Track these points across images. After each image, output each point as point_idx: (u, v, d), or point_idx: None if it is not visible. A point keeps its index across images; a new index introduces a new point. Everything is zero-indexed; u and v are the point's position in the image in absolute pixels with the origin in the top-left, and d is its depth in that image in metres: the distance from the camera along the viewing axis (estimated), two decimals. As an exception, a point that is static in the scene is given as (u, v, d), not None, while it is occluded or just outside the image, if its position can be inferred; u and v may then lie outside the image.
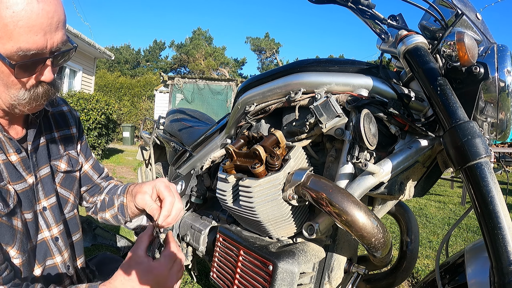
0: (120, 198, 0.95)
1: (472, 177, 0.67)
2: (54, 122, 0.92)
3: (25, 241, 0.77)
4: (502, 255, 0.62)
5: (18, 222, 0.75)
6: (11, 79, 0.64)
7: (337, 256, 0.96)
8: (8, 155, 0.76)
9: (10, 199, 0.74)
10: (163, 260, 0.71)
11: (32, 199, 0.81)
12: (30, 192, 0.81)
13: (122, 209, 0.95)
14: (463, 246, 2.99)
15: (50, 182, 0.87)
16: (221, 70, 26.29)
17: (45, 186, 0.85)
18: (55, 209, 0.87)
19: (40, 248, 0.82)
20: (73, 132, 0.97)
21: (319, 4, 0.93)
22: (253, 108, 1.18)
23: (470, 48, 0.77)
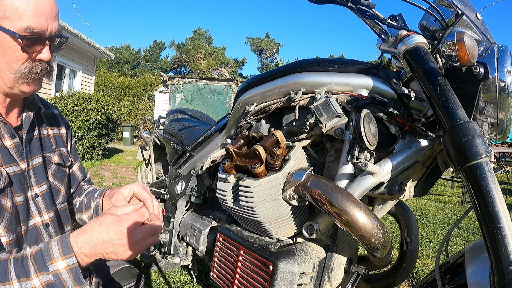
0: (97, 200, 1.01)
1: (472, 177, 0.67)
2: (46, 121, 0.99)
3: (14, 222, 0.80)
4: (502, 255, 0.62)
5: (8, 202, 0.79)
6: (15, 55, 0.74)
7: (337, 256, 0.96)
8: (2, 140, 0.82)
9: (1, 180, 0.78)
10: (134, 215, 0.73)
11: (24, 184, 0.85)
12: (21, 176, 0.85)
13: (97, 211, 1.01)
14: (463, 246, 2.99)
15: (42, 171, 0.91)
16: (221, 70, 26.29)
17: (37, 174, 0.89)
18: (46, 197, 0.91)
19: (31, 233, 0.86)
20: (63, 133, 1.05)
21: (319, 4, 0.93)
22: (253, 108, 1.18)
23: (470, 48, 0.77)
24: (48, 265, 0.67)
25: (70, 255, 0.68)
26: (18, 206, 0.83)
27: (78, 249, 0.69)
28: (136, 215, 0.73)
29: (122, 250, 0.71)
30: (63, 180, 0.99)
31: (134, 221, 0.72)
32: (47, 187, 0.91)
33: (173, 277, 2.18)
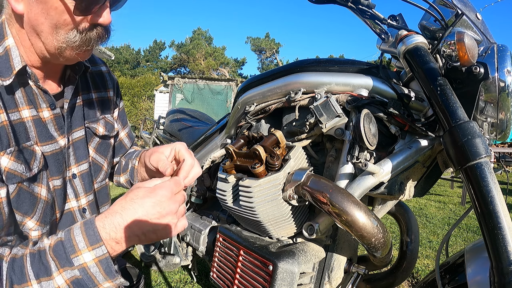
0: (133, 162, 0.89)
1: (472, 177, 0.67)
2: (92, 82, 0.84)
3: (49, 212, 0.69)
4: (502, 255, 0.62)
5: (42, 190, 0.67)
6: (63, 18, 0.58)
7: (337, 256, 0.96)
8: (39, 111, 0.68)
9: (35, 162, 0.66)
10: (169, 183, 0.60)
11: (62, 164, 0.73)
12: (60, 155, 0.72)
13: (132, 173, 0.88)
14: (463, 246, 2.99)
15: (83, 146, 0.78)
16: (221, 70, 26.29)
17: (76, 151, 0.76)
18: (85, 177, 0.78)
19: (65, 219, 0.74)
20: (110, 96, 0.89)
21: (319, 4, 0.93)
22: (253, 108, 1.18)
23: (470, 48, 0.77)
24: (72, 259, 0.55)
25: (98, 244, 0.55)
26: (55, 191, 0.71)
27: (107, 235, 0.56)
28: (172, 183, 0.61)
29: (161, 227, 0.58)
30: (106, 154, 0.85)
31: (171, 190, 0.59)
32: (87, 165, 0.78)
33: (173, 277, 2.18)
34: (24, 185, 0.64)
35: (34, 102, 0.67)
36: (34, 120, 0.67)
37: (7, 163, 0.61)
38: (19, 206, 0.64)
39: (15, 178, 0.63)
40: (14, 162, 0.62)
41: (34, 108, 0.67)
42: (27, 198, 0.65)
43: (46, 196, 0.68)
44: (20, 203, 0.64)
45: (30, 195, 0.65)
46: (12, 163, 0.62)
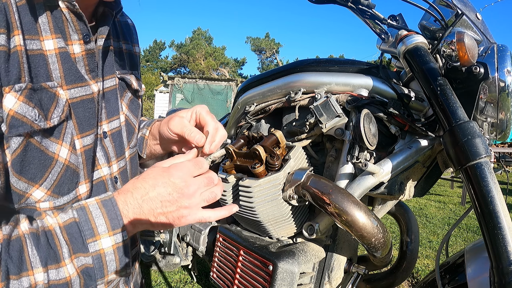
0: (143, 131, 0.78)
1: (472, 177, 0.67)
2: (120, 31, 0.71)
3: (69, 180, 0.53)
4: (502, 255, 0.62)
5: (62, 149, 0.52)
6: None
7: (337, 256, 0.96)
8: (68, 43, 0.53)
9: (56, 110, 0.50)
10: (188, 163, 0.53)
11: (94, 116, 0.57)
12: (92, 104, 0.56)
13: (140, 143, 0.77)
14: (463, 246, 2.99)
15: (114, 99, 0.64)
16: (221, 70, 26.30)
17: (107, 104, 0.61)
18: (116, 138, 0.64)
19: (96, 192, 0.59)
20: (136, 51, 0.77)
21: (319, 4, 0.93)
22: (253, 108, 1.18)
23: (470, 48, 0.77)
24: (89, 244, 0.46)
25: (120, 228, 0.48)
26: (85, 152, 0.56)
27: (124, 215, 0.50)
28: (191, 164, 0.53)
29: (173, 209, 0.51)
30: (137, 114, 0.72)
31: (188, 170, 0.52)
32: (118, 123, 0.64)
33: (173, 277, 2.18)
34: (34, 139, 0.48)
35: (63, 31, 0.52)
36: (61, 54, 0.51)
37: (14, 104, 0.45)
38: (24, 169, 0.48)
39: (22, 127, 0.46)
40: (24, 104, 0.46)
41: (62, 38, 0.51)
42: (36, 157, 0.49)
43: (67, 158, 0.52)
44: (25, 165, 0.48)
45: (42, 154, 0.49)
46: (21, 105, 0.45)
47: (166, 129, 0.68)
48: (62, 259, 0.45)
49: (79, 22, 0.53)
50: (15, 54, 0.46)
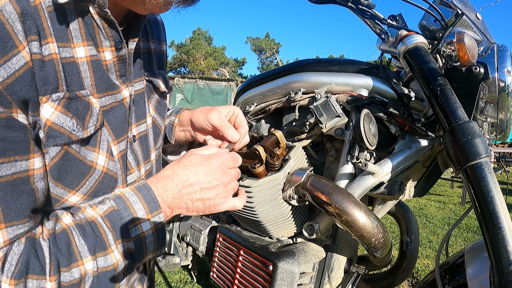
0: (171, 118, 0.80)
1: (472, 177, 0.67)
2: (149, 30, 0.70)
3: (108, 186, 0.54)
4: (502, 255, 0.62)
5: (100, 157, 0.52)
6: None
7: (337, 256, 0.96)
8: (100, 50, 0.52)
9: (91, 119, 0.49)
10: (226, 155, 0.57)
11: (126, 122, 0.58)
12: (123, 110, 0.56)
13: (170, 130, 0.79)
14: (463, 246, 2.99)
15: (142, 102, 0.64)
16: (221, 70, 26.31)
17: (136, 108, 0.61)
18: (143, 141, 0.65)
19: None
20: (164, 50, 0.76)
21: (319, 4, 0.93)
22: (253, 108, 1.18)
23: (470, 48, 0.77)
24: (130, 229, 0.48)
25: (157, 211, 0.50)
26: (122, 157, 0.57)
27: (161, 198, 0.51)
28: (229, 157, 0.58)
29: (211, 196, 0.54)
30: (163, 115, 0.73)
31: (226, 162, 0.57)
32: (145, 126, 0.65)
33: (173, 277, 2.18)
34: (72, 148, 0.48)
35: (94, 37, 0.51)
36: (92, 62, 0.50)
37: (51, 115, 0.44)
38: (61, 177, 0.48)
39: (60, 137, 0.46)
40: (62, 115, 0.45)
41: (93, 45, 0.51)
42: (74, 166, 0.49)
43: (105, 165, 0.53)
44: (62, 173, 0.48)
45: (80, 163, 0.49)
46: (58, 116, 0.45)
47: (203, 119, 0.71)
48: (108, 246, 0.47)
49: (111, 29, 0.52)
50: (51, 62, 0.44)
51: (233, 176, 0.58)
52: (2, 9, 0.38)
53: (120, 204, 0.49)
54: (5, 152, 0.40)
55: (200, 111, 0.74)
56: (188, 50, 28.13)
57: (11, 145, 0.41)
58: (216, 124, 0.70)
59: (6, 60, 0.39)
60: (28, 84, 0.42)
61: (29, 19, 0.42)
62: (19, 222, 0.43)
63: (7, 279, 0.40)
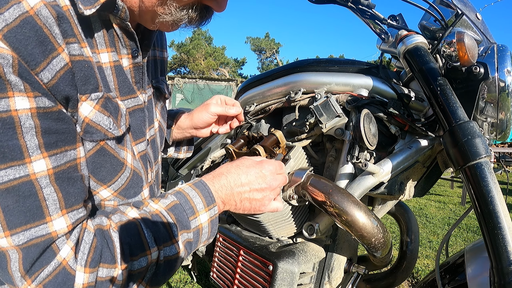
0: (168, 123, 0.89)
1: (472, 177, 0.67)
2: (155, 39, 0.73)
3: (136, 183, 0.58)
4: (502, 255, 0.62)
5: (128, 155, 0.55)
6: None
7: (337, 256, 0.96)
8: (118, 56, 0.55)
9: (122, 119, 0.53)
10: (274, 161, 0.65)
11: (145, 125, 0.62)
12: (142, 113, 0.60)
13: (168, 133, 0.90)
14: (463, 246, 2.99)
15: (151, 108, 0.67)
16: (221, 70, 26.31)
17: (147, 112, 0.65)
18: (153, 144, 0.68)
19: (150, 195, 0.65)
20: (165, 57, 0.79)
21: (319, 4, 0.93)
22: (253, 108, 1.18)
23: (470, 48, 0.77)
24: (191, 221, 0.53)
25: (213, 204, 0.56)
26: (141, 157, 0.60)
27: (216, 193, 0.57)
28: (277, 164, 0.66)
29: (259, 197, 0.60)
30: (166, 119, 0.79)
31: (275, 168, 0.64)
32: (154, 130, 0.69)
33: (173, 277, 2.18)
34: (107, 145, 0.51)
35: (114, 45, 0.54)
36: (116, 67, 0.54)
37: (89, 113, 0.47)
38: (96, 170, 0.51)
39: (97, 134, 0.49)
40: (99, 113, 0.48)
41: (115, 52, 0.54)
42: (108, 161, 0.52)
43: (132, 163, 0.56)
44: (97, 167, 0.51)
45: (114, 159, 0.53)
46: (96, 114, 0.48)
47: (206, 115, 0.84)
48: (173, 237, 0.51)
49: (129, 38, 0.55)
50: (89, 63, 0.47)
51: (281, 182, 0.64)
52: (38, 13, 0.40)
53: (181, 198, 0.54)
54: (58, 143, 0.44)
55: (198, 111, 0.85)
56: (188, 50, 28.11)
57: (62, 137, 0.44)
58: (219, 111, 0.83)
59: (48, 62, 0.42)
60: (70, 83, 0.45)
61: (64, 22, 0.44)
62: (78, 206, 0.46)
63: (81, 267, 0.44)
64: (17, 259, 0.41)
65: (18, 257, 0.41)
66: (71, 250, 0.44)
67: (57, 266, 0.43)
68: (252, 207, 0.60)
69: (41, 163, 0.42)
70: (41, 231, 0.42)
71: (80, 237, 0.46)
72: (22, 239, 0.41)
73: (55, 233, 0.43)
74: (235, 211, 0.60)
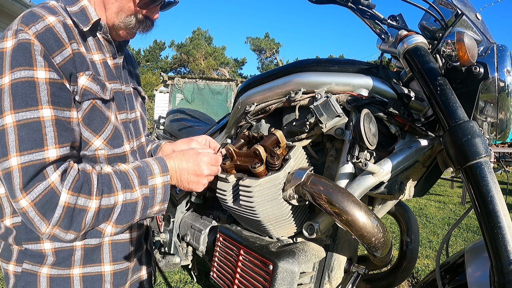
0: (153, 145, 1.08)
1: (472, 176, 0.67)
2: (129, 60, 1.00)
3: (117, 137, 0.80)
4: (502, 255, 0.62)
5: (112, 115, 0.79)
6: (128, 5, 0.79)
7: (337, 255, 0.96)
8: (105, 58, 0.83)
9: (107, 91, 0.78)
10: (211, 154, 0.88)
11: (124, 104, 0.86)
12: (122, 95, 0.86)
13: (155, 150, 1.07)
14: (463, 246, 2.99)
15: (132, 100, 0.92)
16: (221, 70, 26.30)
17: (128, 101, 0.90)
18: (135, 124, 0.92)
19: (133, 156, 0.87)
20: (137, 73, 1.06)
21: (319, 4, 0.93)
22: (253, 108, 1.18)
23: (470, 48, 0.77)
24: (148, 179, 0.76)
25: (167, 173, 0.79)
26: (123, 123, 0.84)
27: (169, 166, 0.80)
28: (214, 156, 0.88)
29: (194, 180, 0.83)
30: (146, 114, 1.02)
31: (210, 158, 0.86)
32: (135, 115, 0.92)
33: (173, 277, 2.18)
34: (97, 103, 0.75)
35: (101, 49, 0.82)
36: (103, 63, 0.81)
37: (85, 82, 0.73)
38: (90, 123, 0.74)
39: (90, 94, 0.73)
40: (91, 82, 0.74)
41: (102, 54, 0.81)
42: (98, 116, 0.75)
43: (114, 122, 0.79)
44: (91, 119, 0.74)
45: (102, 114, 0.76)
46: (89, 83, 0.73)
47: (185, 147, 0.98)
48: (133, 186, 0.74)
49: (110, 45, 0.84)
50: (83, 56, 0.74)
51: (213, 172, 0.88)
52: (54, 25, 0.69)
53: (143, 163, 0.79)
54: (60, 103, 0.68)
55: (181, 142, 1.03)
56: (188, 50, 28.10)
57: (63, 100, 0.68)
58: None
59: (60, 52, 0.69)
60: (72, 65, 0.71)
61: (69, 31, 0.72)
62: (67, 145, 0.68)
63: (66, 190, 0.65)
64: (18, 176, 0.62)
65: (19, 175, 0.62)
66: (58, 176, 0.65)
67: (47, 186, 0.63)
68: (190, 187, 0.84)
69: (48, 111, 0.65)
70: (39, 156, 0.63)
71: (67, 170, 0.67)
72: (26, 159, 0.62)
73: (48, 159, 0.64)
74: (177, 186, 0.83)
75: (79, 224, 0.66)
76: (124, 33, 0.83)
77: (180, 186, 0.83)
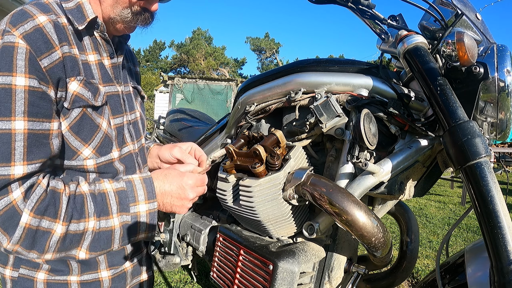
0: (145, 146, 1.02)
1: (472, 176, 0.67)
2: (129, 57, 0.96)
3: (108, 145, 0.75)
4: (502, 255, 0.62)
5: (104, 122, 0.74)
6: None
7: (337, 255, 0.96)
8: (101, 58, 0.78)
9: (99, 97, 0.73)
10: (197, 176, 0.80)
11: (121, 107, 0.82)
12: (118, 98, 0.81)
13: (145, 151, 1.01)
14: (463, 246, 2.99)
15: (131, 100, 0.88)
16: (221, 70, 26.30)
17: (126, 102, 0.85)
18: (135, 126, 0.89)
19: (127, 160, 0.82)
20: (137, 71, 1.01)
21: (319, 4, 0.93)
22: (253, 108, 1.18)
23: (470, 48, 0.77)
24: (130, 206, 0.69)
25: (153, 199, 0.71)
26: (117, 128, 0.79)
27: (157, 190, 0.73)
28: (199, 178, 0.79)
29: (178, 204, 0.76)
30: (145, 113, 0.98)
31: (195, 181, 0.78)
32: (135, 116, 0.89)
33: (173, 277, 2.18)
34: (88, 111, 0.71)
35: (98, 49, 0.77)
36: (99, 64, 0.76)
37: (76, 88, 0.68)
38: (80, 131, 0.70)
39: (81, 101, 0.69)
40: (83, 88, 0.69)
41: (98, 54, 0.77)
42: (88, 124, 0.71)
43: (106, 129, 0.75)
44: (81, 128, 0.70)
45: (92, 123, 0.72)
46: (81, 89, 0.69)
47: (168, 155, 0.92)
48: (111, 213, 0.67)
49: (107, 45, 0.79)
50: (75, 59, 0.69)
51: (198, 193, 0.79)
52: (44, 26, 0.64)
53: (128, 186, 0.70)
54: (38, 114, 0.62)
55: (166, 148, 0.95)
56: (188, 50, 28.10)
57: (42, 111, 0.63)
58: (178, 156, 0.91)
59: (48, 55, 0.64)
60: (61, 69, 0.66)
61: (61, 32, 0.67)
62: (37, 162, 0.62)
63: (28, 210, 0.60)
64: None
65: None
66: (21, 194, 0.60)
67: (8, 203, 0.58)
68: (173, 210, 0.76)
69: (21, 123, 0.60)
70: (4, 171, 0.59)
71: (33, 189, 0.61)
72: None
73: (13, 176, 0.59)
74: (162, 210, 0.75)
75: (42, 245, 0.61)
76: (121, 27, 0.77)
77: (162, 209, 0.75)
